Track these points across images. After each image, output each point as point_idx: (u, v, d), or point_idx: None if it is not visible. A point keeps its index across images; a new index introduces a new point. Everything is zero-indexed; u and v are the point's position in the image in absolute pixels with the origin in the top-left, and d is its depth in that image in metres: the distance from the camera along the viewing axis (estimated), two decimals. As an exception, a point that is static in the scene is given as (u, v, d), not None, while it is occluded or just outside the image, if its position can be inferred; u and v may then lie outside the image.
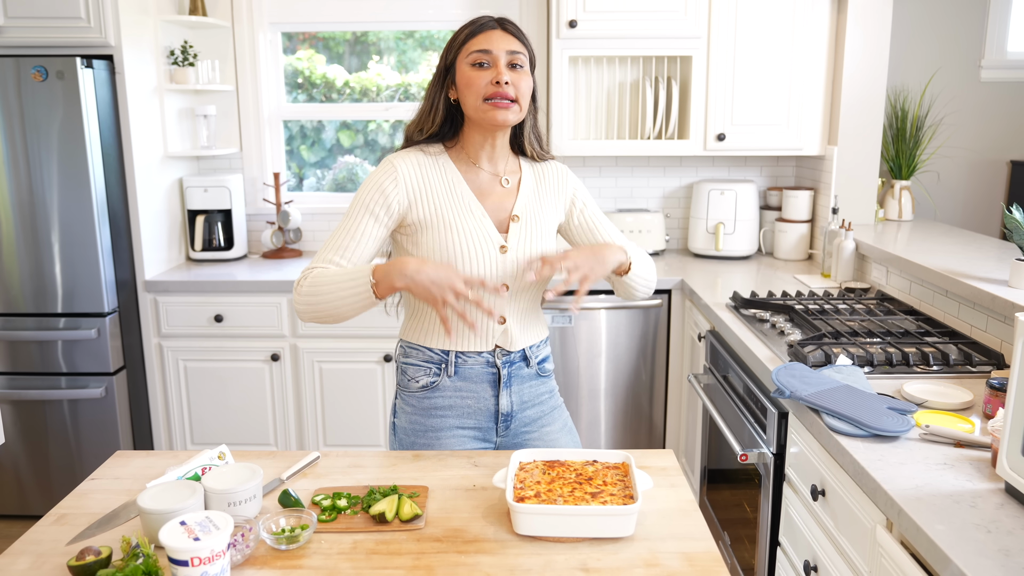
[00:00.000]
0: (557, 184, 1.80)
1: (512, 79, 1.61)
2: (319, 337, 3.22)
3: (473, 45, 1.62)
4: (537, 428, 1.79)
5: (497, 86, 1.60)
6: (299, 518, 1.32)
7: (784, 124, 3.32)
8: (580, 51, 3.26)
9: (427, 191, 1.65)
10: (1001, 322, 2.11)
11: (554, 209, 1.78)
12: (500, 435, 1.76)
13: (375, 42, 3.77)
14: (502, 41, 1.62)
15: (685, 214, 3.76)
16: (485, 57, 1.61)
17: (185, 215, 3.54)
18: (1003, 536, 1.22)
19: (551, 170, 1.81)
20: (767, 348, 2.21)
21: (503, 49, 1.61)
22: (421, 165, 1.67)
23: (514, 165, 1.77)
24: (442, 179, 1.67)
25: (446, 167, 1.69)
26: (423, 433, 1.72)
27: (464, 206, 1.66)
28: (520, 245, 1.69)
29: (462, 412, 1.72)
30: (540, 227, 1.73)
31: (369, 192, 1.64)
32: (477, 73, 1.61)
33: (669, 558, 1.25)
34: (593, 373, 3.24)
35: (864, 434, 1.60)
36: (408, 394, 1.73)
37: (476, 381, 1.71)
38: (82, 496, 1.47)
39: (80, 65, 2.88)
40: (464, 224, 1.65)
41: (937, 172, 3.78)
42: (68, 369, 3.09)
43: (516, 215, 1.71)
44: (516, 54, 1.62)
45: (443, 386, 1.70)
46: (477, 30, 1.63)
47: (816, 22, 3.25)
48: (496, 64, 1.61)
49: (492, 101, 1.60)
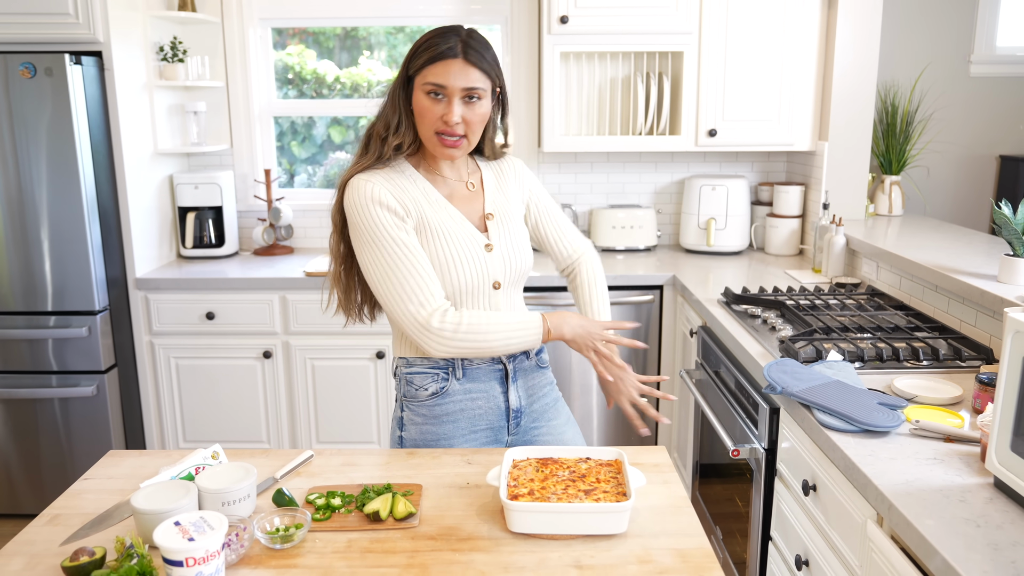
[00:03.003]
0: (514, 178, 1.81)
1: (464, 114, 1.57)
2: (311, 334, 3.21)
3: (429, 75, 1.55)
4: (544, 422, 1.80)
5: (446, 125, 1.56)
6: (293, 517, 1.32)
7: (775, 120, 3.33)
8: (571, 47, 3.26)
9: (408, 202, 1.61)
10: (990, 317, 2.13)
11: (518, 202, 1.80)
12: (512, 433, 1.76)
13: (365, 37, 3.76)
14: (460, 76, 1.54)
15: (677, 210, 3.77)
16: (440, 90, 1.55)
17: (176, 212, 3.53)
18: (992, 530, 1.23)
19: (507, 166, 1.81)
20: (758, 344, 2.22)
21: (459, 86, 1.55)
22: (390, 179, 1.62)
23: (472, 166, 1.77)
24: (415, 188, 1.64)
25: (414, 178, 1.66)
26: (436, 442, 1.70)
27: (444, 212, 1.65)
28: (501, 240, 1.70)
29: (473, 415, 1.71)
30: (512, 221, 1.75)
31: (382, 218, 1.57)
32: (430, 105, 1.56)
33: (662, 554, 1.26)
34: (585, 369, 3.24)
35: (854, 429, 1.61)
36: (417, 404, 1.70)
37: (485, 380, 1.71)
38: (75, 496, 1.46)
39: (69, 62, 2.86)
40: (449, 229, 1.64)
41: (927, 167, 3.80)
42: (59, 367, 3.08)
43: (490, 213, 1.72)
44: (472, 89, 1.56)
45: (452, 391, 1.69)
46: (437, 57, 1.55)
47: (807, 17, 3.26)
48: (450, 100, 1.56)
49: (440, 138, 1.58)
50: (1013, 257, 2.15)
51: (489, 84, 1.60)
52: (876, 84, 3.30)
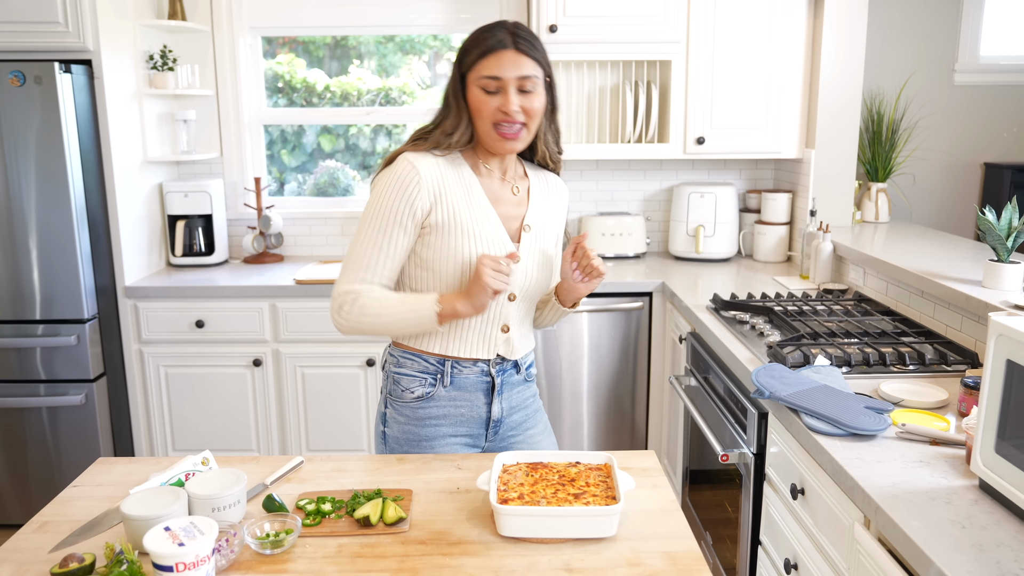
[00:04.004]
0: (558, 199, 1.80)
1: (522, 104, 1.58)
2: (301, 342, 3.21)
3: (483, 69, 1.56)
4: (522, 431, 1.80)
5: (505, 115, 1.57)
6: (284, 523, 1.33)
7: (762, 127, 3.35)
8: (561, 55, 3.28)
9: (446, 193, 1.61)
10: (975, 322, 2.15)
11: (556, 222, 1.79)
12: (488, 440, 1.77)
13: (355, 46, 3.77)
14: (512, 66, 1.56)
15: (666, 217, 3.79)
16: (494, 84, 1.56)
17: (165, 220, 3.52)
18: (977, 531, 1.25)
19: (554, 183, 1.80)
20: (747, 349, 2.24)
21: (513, 75, 1.56)
22: (439, 166, 1.62)
23: (520, 171, 1.76)
24: (459, 182, 1.64)
25: (462, 170, 1.65)
26: (416, 443, 1.71)
27: (480, 212, 1.64)
28: (530, 255, 1.69)
29: (455, 420, 1.72)
30: (547, 239, 1.73)
31: (395, 200, 1.58)
32: (486, 98, 1.57)
33: (651, 557, 1.27)
34: (576, 375, 3.25)
35: (842, 433, 1.63)
36: (402, 404, 1.71)
37: (471, 390, 1.71)
38: (64, 503, 1.46)
39: (58, 70, 2.86)
40: (481, 230, 1.62)
41: (913, 174, 3.83)
42: (47, 376, 3.07)
43: (528, 225, 1.70)
44: (527, 78, 1.57)
45: (438, 396, 1.69)
46: (488, 51, 1.56)
47: (793, 27, 3.29)
48: (505, 91, 1.56)
49: (500, 130, 1.58)
50: (997, 262, 2.18)
51: (541, 72, 1.61)
52: (862, 92, 3.33)
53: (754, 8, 3.25)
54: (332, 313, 1.62)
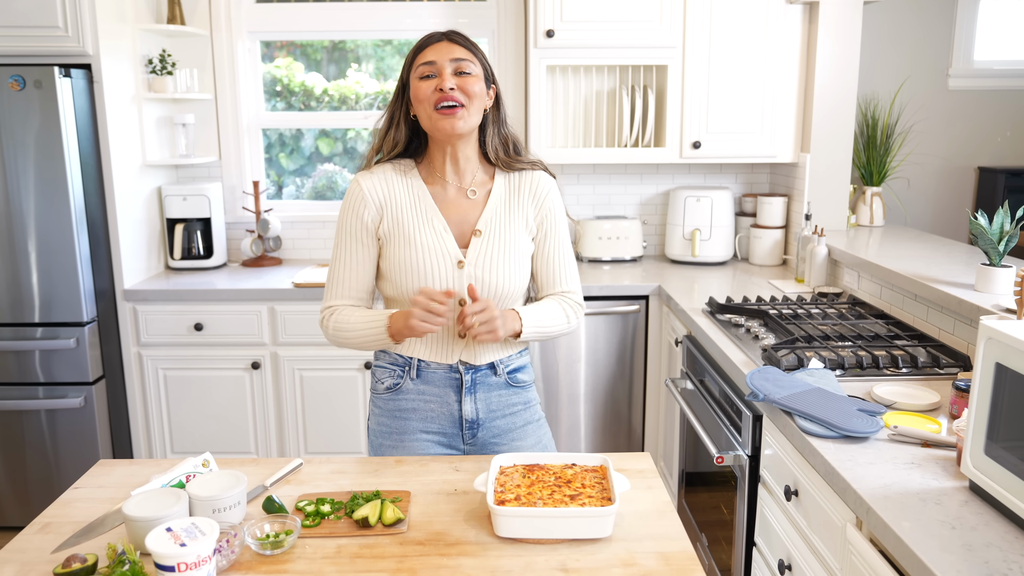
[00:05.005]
0: (532, 196, 1.76)
1: (458, 83, 1.64)
2: (299, 345, 3.23)
3: (420, 59, 1.67)
4: (508, 441, 1.77)
5: (442, 93, 1.63)
6: (283, 524, 1.34)
7: (758, 132, 3.38)
8: (557, 60, 3.31)
9: (392, 205, 1.71)
10: (968, 325, 2.17)
11: (524, 221, 1.75)
12: (467, 443, 1.77)
13: (353, 50, 3.79)
14: (446, 51, 1.66)
15: (662, 221, 3.81)
16: (430, 68, 1.65)
17: (164, 224, 3.54)
18: (967, 532, 1.26)
19: (528, 181, 1.76)
20: (742, 352, 2.26)
21: (447, 58, 1.65)
22: (388, 180, 1.73)
23: (485, 176, 1.77)
24: (408, 193, 1.72)
25: (413, 181, 1.74)
26: (389, 435, 1.76)
27: (426, 220, 1.70)
28: (480, 260, 1.68)
29: (426, 416, 1.74)
30: (504, 241, 1.70)
31: (347, 219, 1.72)
32: (425, 83, 1.65)
33: (646, 557, 1.29)
34: (573, 378, 3.27)
35: (835, 435, 1.65)
36: (376, 395, 1.80)
37: (438, 385, 1.73)
38: (66, 505, 1.47)
39: (58, 74, 2.88)
40: (423, 238, 1.68)
41: (907, 178, 3.86)
42: (46, 379, 3.08)
43: (478, 229, 1.70)
44: (461, 61, 1.66)
45: (406, 389, 1.74)
46: (423, 44, 1.69)
47: (788, 32, 3.32)
48: (441, 73, 1.65)
49: (440, 109, 1.64)
50: (989, 266, 2.20)
51: (478, 66, 1.69)
52: (857, 97, 3.36)
53: (749, 13, 3.28)
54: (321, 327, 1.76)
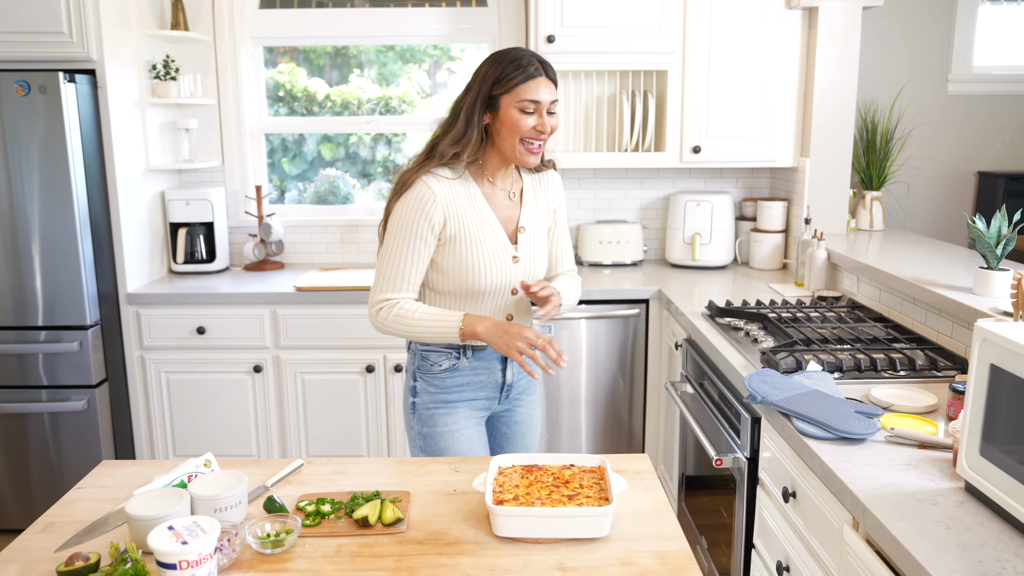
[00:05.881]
0: (548, 192, 2.03)
1: (550, 123, 1.83)
2: (302, 348, 3.24)
3: (523, 92, 1.80)
4: (525, 398, 2.08)
5: (539, 134, 1.82)
6: (284, 523, 1.35)
7: (758, 136, 3.39)
8: (558, 65, 3.32)
9: (456, 208, 1.85)
10: (965, 328, 2.18)
11: (546, 215, 2.03)
12: (500, 403, 2.02)
13: (356, 55, 3.82)
14: (547, 91, 1.82)
15: (662, 225, 3.82)
16: (532, 107, 1.80)
17: (167, 228, 3.56)
18: (962, 532, 1.27)
19: (546, 179, 2.04)
20: (741, 355, 2.27)
21: (548, 100, 1.82)
22: (450, 184, 1.85)
23: (515, 176, 1.99)
24: (467, 196, 1.87)
25: (468, 185, 1.88)
26: (443, 405, 1.94)
27: (485, 221, 1.88)
28: (527, 254, 1.94)
29: (476, 386, 1.96)
30: (539, 235, 1.98)
31: (414, 216, 1.82)
32: (524, 117, 1.80)
33: (643, 557, 1.30)
34: (574, 382, 3.28)
35: (832, 437, 1.66)
36: (431, 376, 1.95)
37: (488, 360, 1.96)
38: (69, 504, 1.49)
39: (63, 80, 2.90)
40: (486, 238, 1.87)
41: (907, 183, 3.87)
42: (49, 382, 3.10)
43: (523, 227, 1.94)
44: (554, 103, 1.84)
45: (462, 367, 1.94)
46: (528, 77, 1.80)
47: (788, 37, 3.33)
48: (540, 112, 1.82)
49: (527, 145, 1.83)
50: (987, 270, 2.21)
51: None
52: (856, 102, 3.37)
53: (749, 18, 3.29)
54: (371, 315, 1.88)
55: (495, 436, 2.09)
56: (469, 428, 1.96)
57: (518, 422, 2.08)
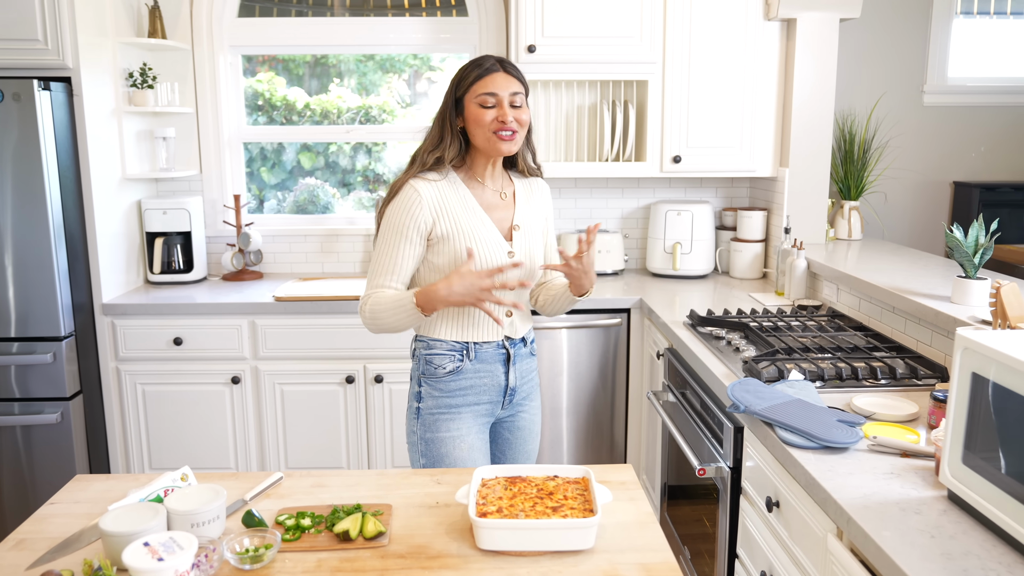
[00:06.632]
0: (540, 199, 2.11)
1: (514, 115, 1.89)
2: (280, 359, 3.21)
3: (480, 87, 1.88)
4: (528, 403, 2.11)
5: (502, 124, 1.88)
6: (263, 538, 1.33)
7: (738, 147, 3.41)
8: (539, 75, 3.33)
9: (446, 207, 1.91)
10: (945, 337, 2.20)
11: (540, 219, 2.09)
12: (504, 408, 2.05)
13: (335, 65, 3.80)
14: (504, 83, 1.89)
15: (643, 234, 3.83)
16: (491, 99, 1.88)
17: (144, 237, 3.51)
18: (945, 540, 1.27)
19: (537, 186, 2.11)
20: (723, 364, 2.27)
21: (506, 92, 1.88)
22: (439, 186, 1.92)
23: (506, 179, 2.06)
24: (456, 196, 1.93)
25: (457, 186, 1.95)
26: (447, 410, 1.97)
27: (477, 219, 1.93)
28: (522, 250, 1.99)
29: (480, 390, 1.99)
30: (534, 234, 2.04)
31: (400, 218, 1.89)
32: (484, 111, 1.88)
33: (628, 569, 1.29)
34: (555, 392, 3.27)
35: (815, 446, 1.66)
36: (435, 380, 1.97)
37: (491, 362, 1.99)
38: (41, 520, 1.45)
39: (37, 87, 2.86)
40: (479, 234, 1.92)
41: (884, 193, 3.91)
42: (21, 394, 3.04)
43: (517, 225, 2.00)
44: (516, 94, 1.90)
45: (465, 369, 1.97)
46: (483, 73, 1.89)
47: (767, 48, 3.36)
48: (501, 104, 1.88)
49: (498, 135, 1.89)
50: (965, 279, 2.23)
51: (524, 93, 1.93)
52: (834, 113, 3.40)
53: (728, 30, 3.32)
54: (360, 316, 1.93)
55: (498, 441, 2.11)
56: (471, 435, 1.97)
57: (520, 427, 2.11)
